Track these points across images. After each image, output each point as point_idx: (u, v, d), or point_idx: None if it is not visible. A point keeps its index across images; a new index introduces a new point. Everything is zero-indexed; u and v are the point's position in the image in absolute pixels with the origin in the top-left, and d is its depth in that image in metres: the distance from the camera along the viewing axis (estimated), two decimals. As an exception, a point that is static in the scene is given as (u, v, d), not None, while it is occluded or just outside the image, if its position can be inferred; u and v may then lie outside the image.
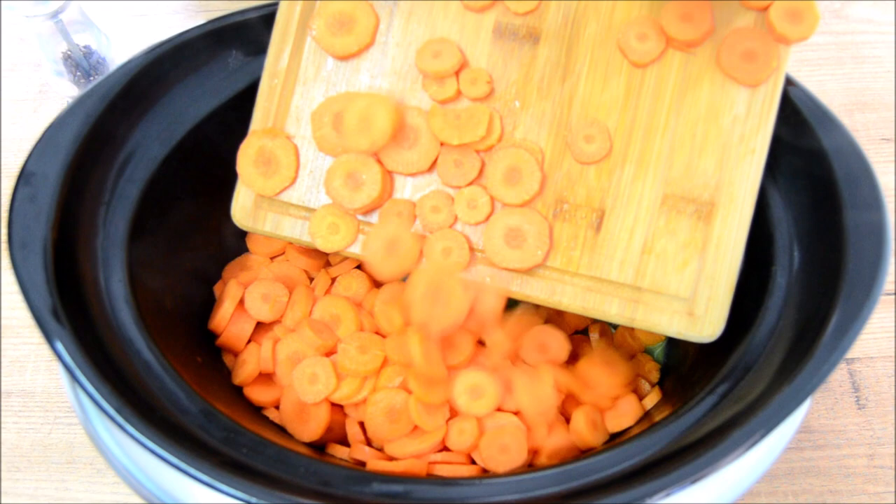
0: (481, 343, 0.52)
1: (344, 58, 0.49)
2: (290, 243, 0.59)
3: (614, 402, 0.52)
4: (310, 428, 0.50)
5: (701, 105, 0.46)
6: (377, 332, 0.54)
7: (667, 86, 0.46)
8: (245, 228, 0.52)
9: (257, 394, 0.53)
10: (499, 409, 0.50)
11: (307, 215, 0.50)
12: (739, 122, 0.45)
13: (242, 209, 0.51)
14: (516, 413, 0.50)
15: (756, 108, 0.45)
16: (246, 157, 0.50)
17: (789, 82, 0.46)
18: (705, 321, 0.46)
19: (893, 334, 0.66)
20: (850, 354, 0.49)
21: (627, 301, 0.47)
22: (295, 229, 0.51)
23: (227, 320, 0.55)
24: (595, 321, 0.59)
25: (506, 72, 0.48)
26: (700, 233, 0.46)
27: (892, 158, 0.76)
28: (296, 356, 0.53)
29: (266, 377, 0.54)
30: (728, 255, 0.46)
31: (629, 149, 0.47)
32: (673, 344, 0.58)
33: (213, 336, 0.56)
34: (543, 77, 0.48)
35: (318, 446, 0.52)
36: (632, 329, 0.58)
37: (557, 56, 0.47)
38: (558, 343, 0.53)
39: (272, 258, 0.60)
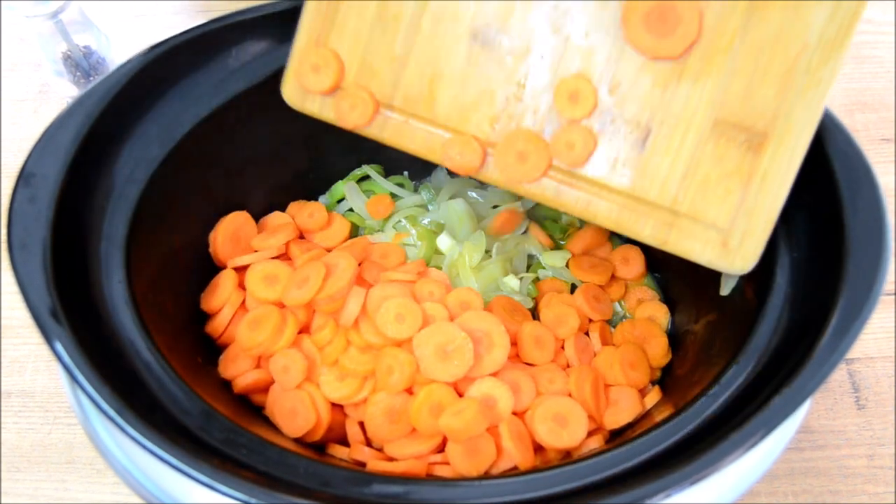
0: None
1: None
2: (291, 241, 0.60)
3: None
4: (297, 424, 0.50)
5: (771, 27, 0.42)
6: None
7: (737, 1, 0.43)
8: (294, 107, 0.52)
9: (258, 394, 0.53)
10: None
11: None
12: (808, 51, 0.42)
13: (292, 90, 0.51)
14: (518, 413, 0.50)
15: (829, 37, 0.42)
16: (304, 60, 0.50)
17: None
18: (738, 254, 0.45)
19: (893, 334, 0.66)
20: (850, 355, 0.49)
21: (662, 224, 0.46)
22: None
23: (225, 326, 0.55)
24: (594, 321, 0.59)
25: None
26: (747, 164, 0.44)
27: (892, 158, 0.76)
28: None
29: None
30: (772, 191, 0.43)
31: (687, 65, 0.44)
32: (674, 344, 0.58)
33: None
34: None
35: (319, 446, 0.52)
36: (632, 329, 0.59)
37: None
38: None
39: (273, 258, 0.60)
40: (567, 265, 0.63)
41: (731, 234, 0.45)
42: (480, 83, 0.48)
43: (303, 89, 0.50)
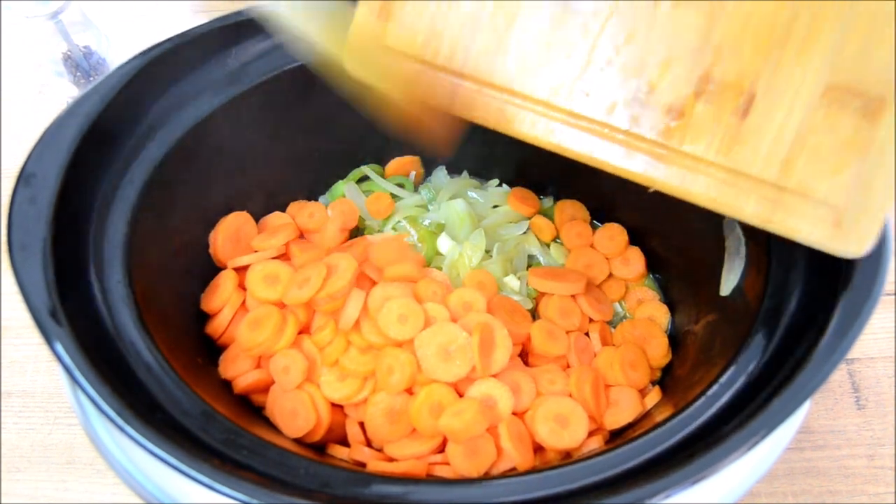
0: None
1: None
2: (291, 241, 0.60)
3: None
4: (298, 425, 0.50)
5: None
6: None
7: None
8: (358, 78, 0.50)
9: (258, 395, 0.53)
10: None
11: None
12: None
13: (352, 61, 0.50)
14: (518, 414, 0.50)
15: None
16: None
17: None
18: (852, 234, 0.40)
19: (893, 334, 0.66)
20: (850, 355, 0.49)
21: (766, 200, 0.42)
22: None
23: (225, 327, 0.55)
24: (594, 321, 0.59)
25: None
26: (863, 133, 0.39)
27: (893, 158, 0.76)
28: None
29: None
30: (892, 164, 0.39)
31: (795, 24, 0.40)
32: (674, 344, 0.58)
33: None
34: None
35: (319, 447, 0.52)
36: (633, 330, 0.59)
37: None
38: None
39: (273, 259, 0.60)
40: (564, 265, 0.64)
41: (845, 212, 0.40)
42: (557, 51, 0.45)
43: (363, 61, 0.49)
